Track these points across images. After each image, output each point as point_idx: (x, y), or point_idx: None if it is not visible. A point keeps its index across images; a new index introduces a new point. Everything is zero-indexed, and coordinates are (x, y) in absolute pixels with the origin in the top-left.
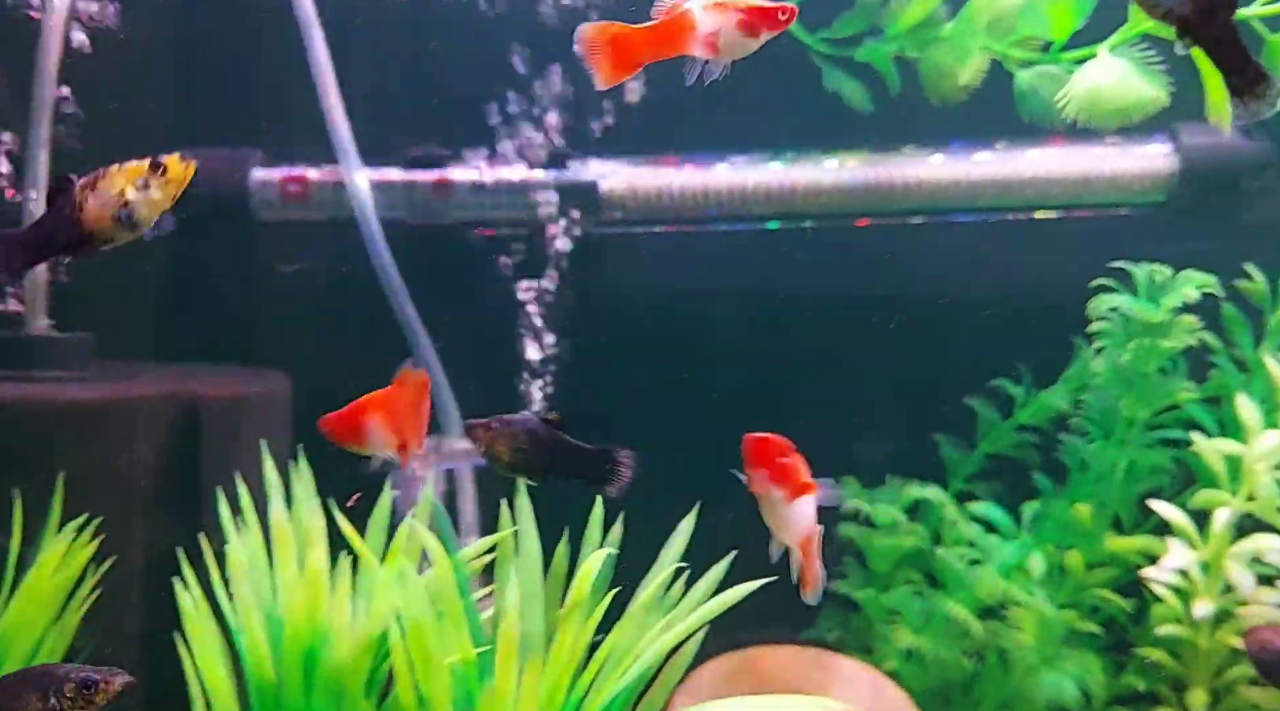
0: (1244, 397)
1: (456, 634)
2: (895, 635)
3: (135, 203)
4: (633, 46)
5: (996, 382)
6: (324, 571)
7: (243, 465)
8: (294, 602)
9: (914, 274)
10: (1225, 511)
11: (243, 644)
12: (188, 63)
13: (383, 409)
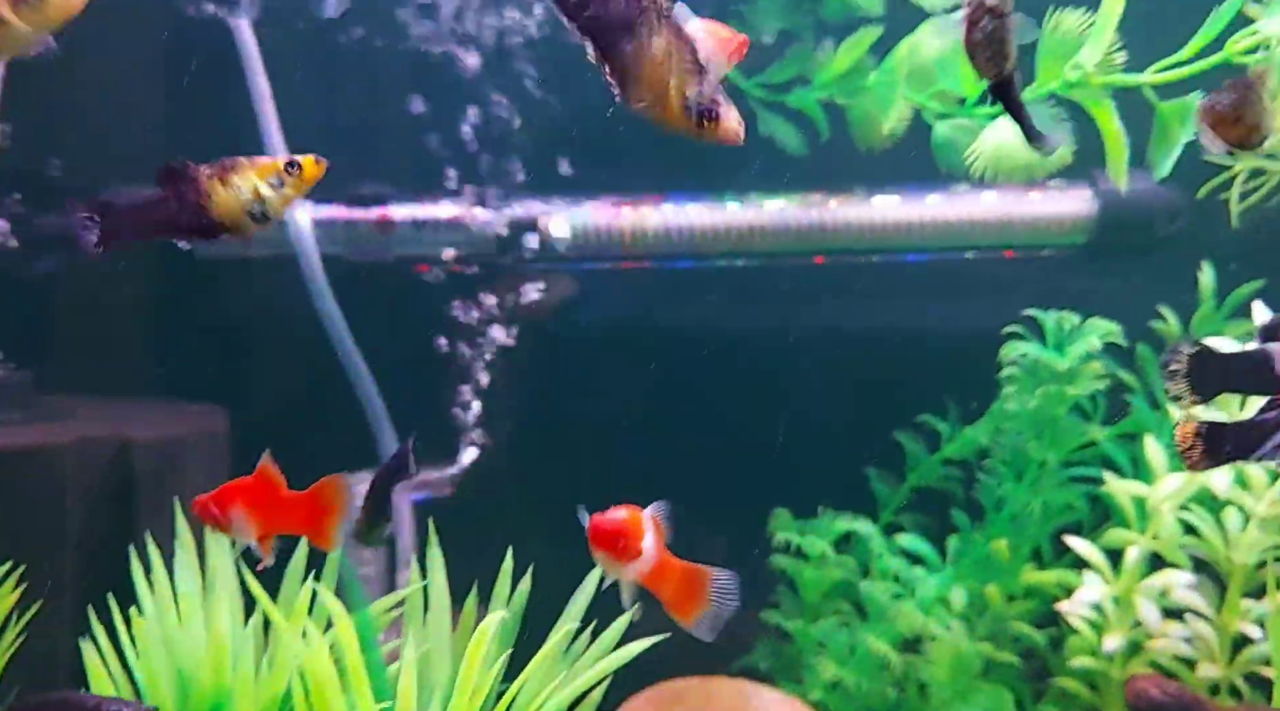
0: (1151, 439)
1: (360, 689)
2: (820, 666)
3: (269, 198)
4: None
5: (923, 418)
6: (226, 632)
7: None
8: (199, 660)
9: (850, 311)
10: (1135, 549)
11: (149, 698)
12: (130, 100)
13: (243, 497)
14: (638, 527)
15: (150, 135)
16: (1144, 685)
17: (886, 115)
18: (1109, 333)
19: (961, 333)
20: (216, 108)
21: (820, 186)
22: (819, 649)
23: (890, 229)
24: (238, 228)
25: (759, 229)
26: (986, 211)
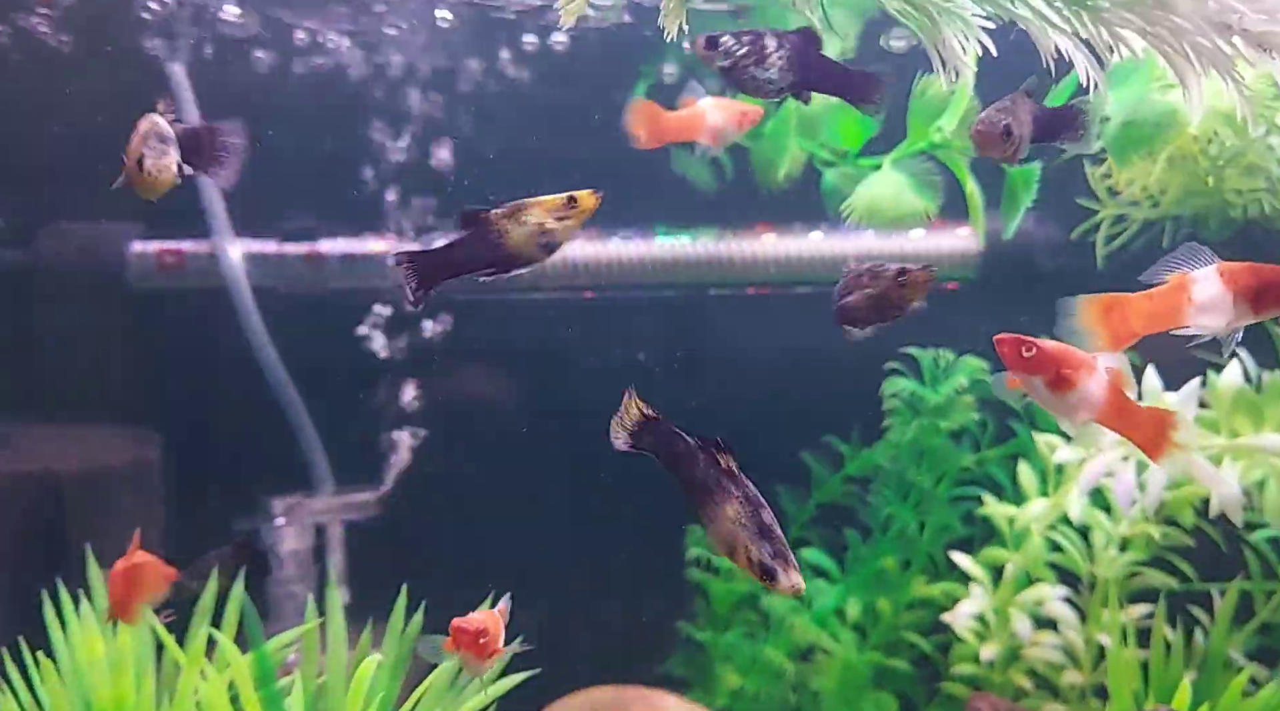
0: (1024, 465)
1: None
2: (725, 675)
3: (554, 231)
4: (661, 129)
5: (827, 438)
6: (129, 670)
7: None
8: (104, 695)
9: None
10: (1010, 565)
11: None
12: (68, 139)
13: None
14: (497, 627)
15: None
16: (979, 705)
17: (781, 160)
18: (977, 369)
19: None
20: None
21: (738, 221)
22: (726, 658)
23: (794, 262)
24: (529, 259)
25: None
26: (884, 246)
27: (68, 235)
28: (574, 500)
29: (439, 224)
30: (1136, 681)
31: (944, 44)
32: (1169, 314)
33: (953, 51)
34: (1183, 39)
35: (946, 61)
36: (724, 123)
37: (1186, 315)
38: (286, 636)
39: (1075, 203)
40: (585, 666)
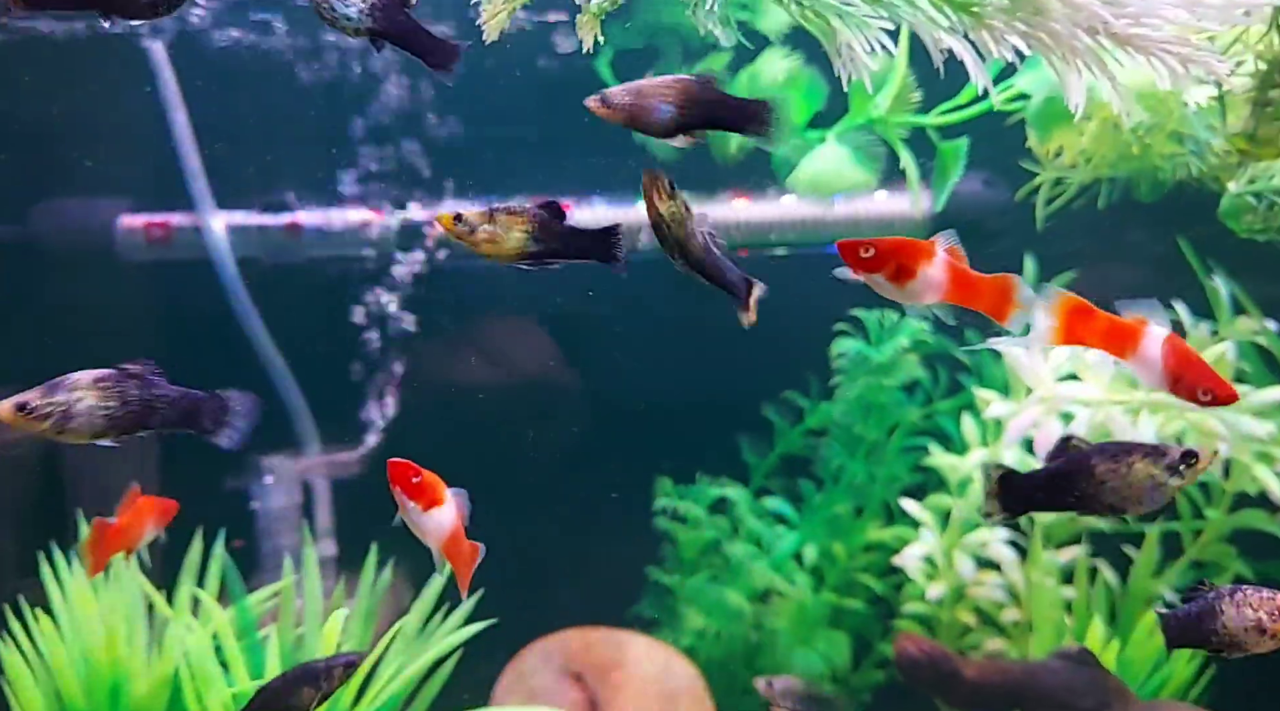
0: (968, 417)
1: (236, 669)
2: (690, 616)
3: None
4: None
5: (788, 394)
6: (120, 626)
7: (101, 498)
8: (98, 645)
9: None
10: (956, 510)
11: (58, 679)
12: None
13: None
14: (437, 482)
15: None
16: (905, 644)
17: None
18: (918, 331)
19: (825, 320)
20: (133, 125)
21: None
22: (691, 600)
23: (758, 227)
24: None
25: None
26: (841, 212)
27: (59, 211)
28: (549, 456)
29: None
30: (1060, 617)
31: (845, 46)
32: (1114, 346)
33: (854, 53)
34: (1059, 41)
35: (847, 63)
36: None
37: (1127, 357)
38: (265, 592)
39: (1019, 166)
40: (561, 611)
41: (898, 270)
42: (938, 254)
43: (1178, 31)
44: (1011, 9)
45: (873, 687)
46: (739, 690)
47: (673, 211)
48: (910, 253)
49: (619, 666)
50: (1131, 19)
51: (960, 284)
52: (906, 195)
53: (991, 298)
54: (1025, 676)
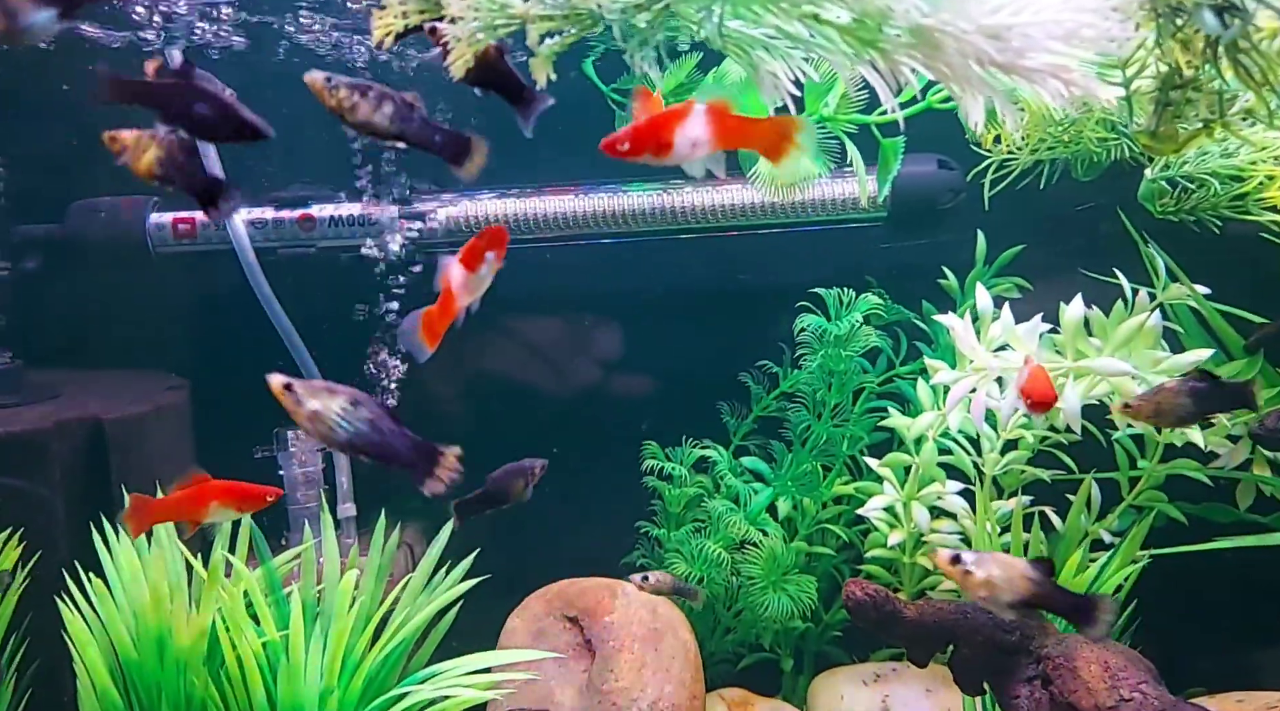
0: (922, 382)
1: (265, 622)
2: (675, 564)
3: None
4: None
5: (763, 362)
6: (163, 585)
7: (146, 472)
8: (145, 604)
9: (703, 278)
10: (912, 466)
11: (112, 633)
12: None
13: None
14: None
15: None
16: (852, 588)
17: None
18: (873, 305)
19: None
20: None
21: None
22: (676, 550)
23: (734, 210)
24: None
25: (628, 212)
26: (809, 194)
27: (95, 209)
28: (548, 423)
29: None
30: None
31: (769, 74)
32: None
33: (778, 79)
34: (955, 72)
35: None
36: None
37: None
38: (288, 554)
39: (970, 148)
40: (560, 562)
41: (659, 146)
42: (691, 114)
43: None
44: (911, 45)
45: (841, 625)
46: (721, 630)
47: (338, 103)
48: (660, 126)
49: (610, 610)
50: (1016, 53)
51: (735, 132)
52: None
53: (770, 138)
54: (958, 615)
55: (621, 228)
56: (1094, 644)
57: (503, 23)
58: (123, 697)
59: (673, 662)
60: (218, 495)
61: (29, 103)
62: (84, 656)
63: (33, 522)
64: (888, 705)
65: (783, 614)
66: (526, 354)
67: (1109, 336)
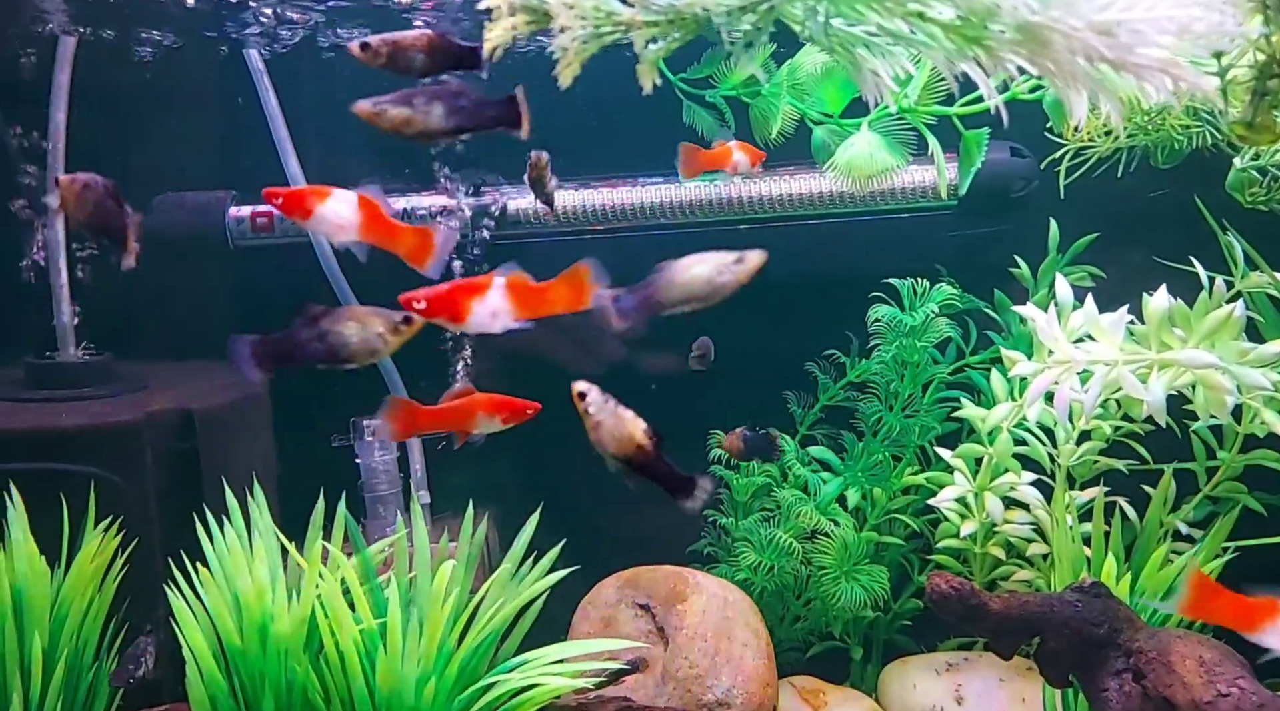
0: (996, 373)
1: (363, 610)
2: (745, 552)
3: None
4: (699, 162)
5: (830, 352)
6: (265, 575)
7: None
8: (249, 593)
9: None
10: (984, 458)
11: (216, 620)
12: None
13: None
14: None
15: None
16: (936, 581)
17: (775, 118)
18: (948, 296)
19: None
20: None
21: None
22: (745, 539)
23: (806, 199)
24: None
25: (700, 202)
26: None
27: (179, 203)
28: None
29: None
30: (1079, 552)
31: (870, 73)
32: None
33: (878, 78)
34: (1060, 68)
35: (872, 88)
36: (742, 159)
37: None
38: (381, 543)
39: (1045, 136)
40: (629, 550)
41: (454, 315)
42: (490, 288)
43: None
44: (1017, 42)
45: (909, 614)
46: (790, 618)
47: (391, 123)
48: (456, 296)
49: (682, 597)
50: (1125, 48)
51: (532, 302)
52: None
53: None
54: (1044, 608)
55: (685, 218)
56: (1188, 638)
57: (609, 30)
58: (226, 683)
59: (746, 650)
60: (484, 406)
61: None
62: (191, 643)
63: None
64: (961, 694)
65: (856, 603)
66: (593, 342)
67: (1193, 328)
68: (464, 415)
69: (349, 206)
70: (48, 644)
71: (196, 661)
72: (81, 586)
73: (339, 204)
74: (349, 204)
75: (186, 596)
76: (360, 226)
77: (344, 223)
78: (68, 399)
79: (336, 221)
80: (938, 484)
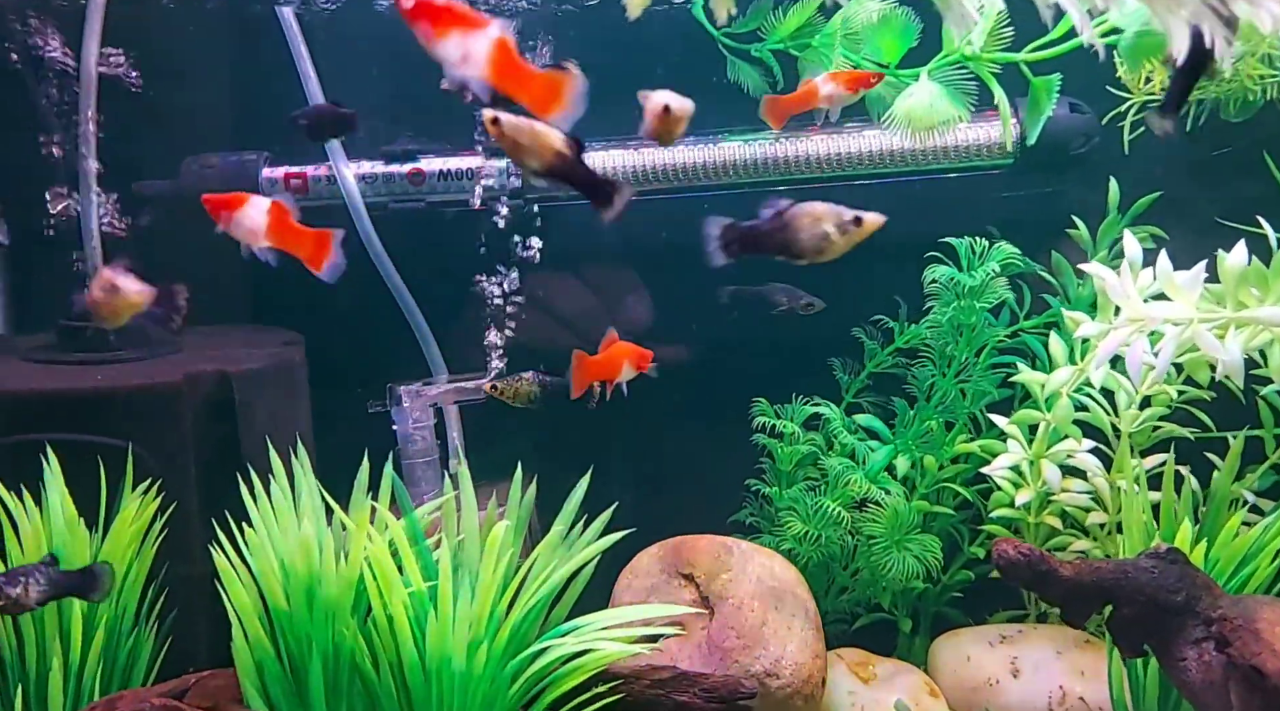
0: (1055, 336)
1: (412, 573)
2: (790, 522)
3: None
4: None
5: (877, 316)
6: (311, 537)
7: (269, 424)
8: (295, 555)
9: None
10: (1041, 424)
11: (262, 583)
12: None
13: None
14: None
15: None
16: (1004, 547)
17: (828, 68)
18: (1008, 256)
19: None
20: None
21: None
22: (790, 509)
23: (849, 158)
24: None
25: (740, 162)
26: (930, 140)
27: (208, 164)
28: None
29: None
30: (1148, 520)
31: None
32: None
33: (964, 9)
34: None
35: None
36: (834, 89)
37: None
38: (431, 504)
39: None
40: (668, 519)
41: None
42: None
43: None
44: None
45: (960, 585)
46: (836, 589)
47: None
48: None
49: (727, 567)
50: None
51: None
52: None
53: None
54: (1118, 574)
55: (732, 179)
56: (1275, 604)
57: None
58: (273, 647)
59: (793, 621)
60: (626, 355)
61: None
62: (237, 606)
63: (163, 474)
64: (1017, 666)
65: (908, 574)
66: (633, 306)
67: (1270, 286)
68: (616, 364)
69: (261, 211)
70: (87, 609)
71: (243, 625)
72: (120, 550)
73: (253, 209)
74: (261, 209)
75: (231, 558)
76: (268, 230)
77: (255, 227)
78: (103, 361)
79: (250, 226)
80: (990, 452)
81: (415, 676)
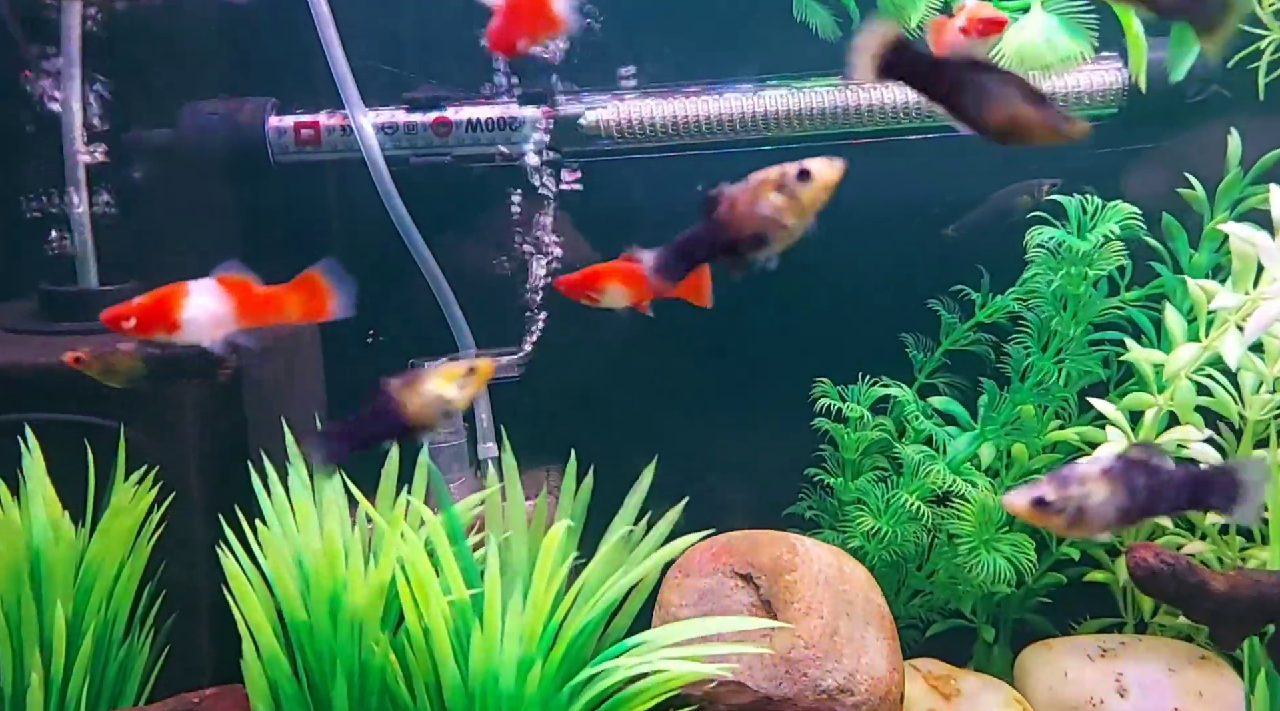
0: (1171, 310)
1: (451, 576)
2: (859, 517)
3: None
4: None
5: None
6: (337, 535)
7: (279, 402)
8: (317, 558)
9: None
10: (1152, 410)
11: (277, 589)
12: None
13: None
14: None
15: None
16: (1143, 554)
17: (915, 8)
18: (1128, 216)
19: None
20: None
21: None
22: (858, 502)
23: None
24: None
25: (797, 112)
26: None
27: (209, 111)
28: (702, 359)
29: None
30: None
31: None
32: None
33: None
34: None
35: None
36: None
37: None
38: (474, 498)
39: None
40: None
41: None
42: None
43: None
44: None
45: (1046, 590)
46: (908, 592)
47: None
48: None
49: (790, 567)
50: None
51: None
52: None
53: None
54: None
55: (788, 132)
56: None
57: None
58: (289, 664)
59: (867, 629)
60: (611, 276)
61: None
62: (248, 615)
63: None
64: (1123, 685)
65: (999, 577)
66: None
67: None
68: (595, 283)
69: (213, 298)
70: (71, 615)
71: (254, 638)
72: (111, 548)
73: (201, 298)
74: (212, 295)
75: (240, 559)
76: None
77: (217, 316)
78: (91, 331)
79: (209, 319)
80: (1089, 440)
81: (456, 699)
